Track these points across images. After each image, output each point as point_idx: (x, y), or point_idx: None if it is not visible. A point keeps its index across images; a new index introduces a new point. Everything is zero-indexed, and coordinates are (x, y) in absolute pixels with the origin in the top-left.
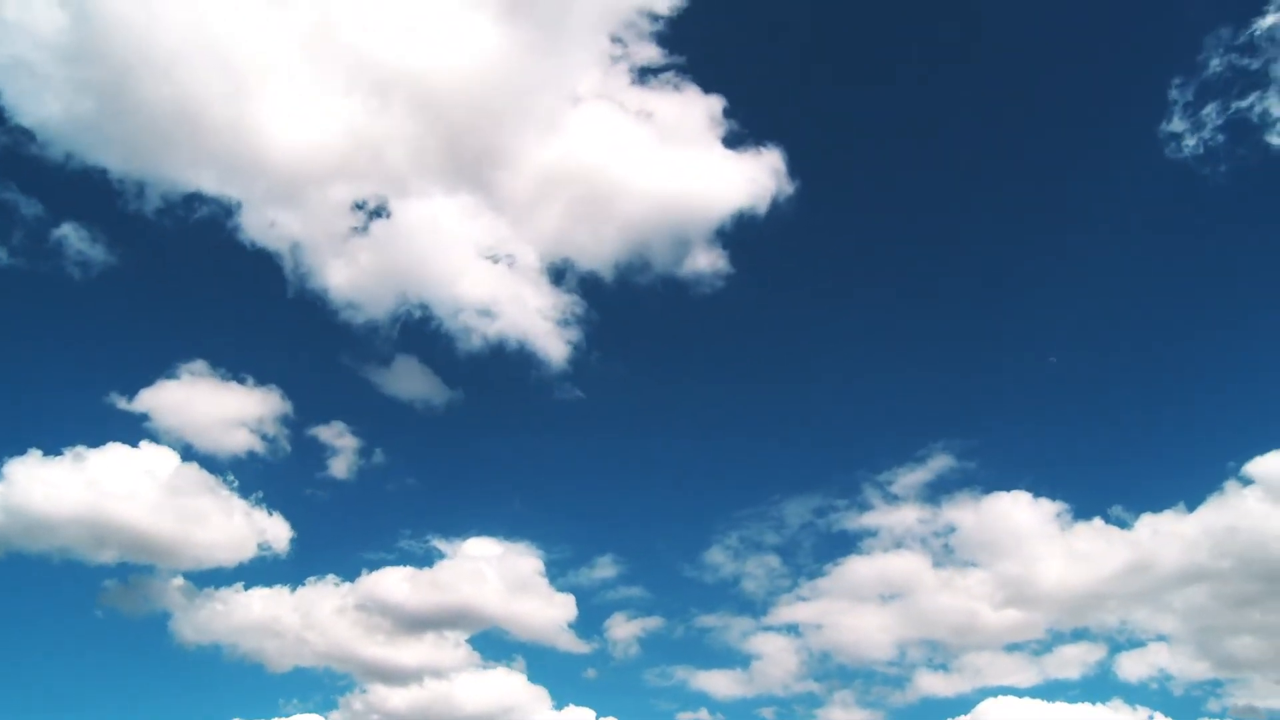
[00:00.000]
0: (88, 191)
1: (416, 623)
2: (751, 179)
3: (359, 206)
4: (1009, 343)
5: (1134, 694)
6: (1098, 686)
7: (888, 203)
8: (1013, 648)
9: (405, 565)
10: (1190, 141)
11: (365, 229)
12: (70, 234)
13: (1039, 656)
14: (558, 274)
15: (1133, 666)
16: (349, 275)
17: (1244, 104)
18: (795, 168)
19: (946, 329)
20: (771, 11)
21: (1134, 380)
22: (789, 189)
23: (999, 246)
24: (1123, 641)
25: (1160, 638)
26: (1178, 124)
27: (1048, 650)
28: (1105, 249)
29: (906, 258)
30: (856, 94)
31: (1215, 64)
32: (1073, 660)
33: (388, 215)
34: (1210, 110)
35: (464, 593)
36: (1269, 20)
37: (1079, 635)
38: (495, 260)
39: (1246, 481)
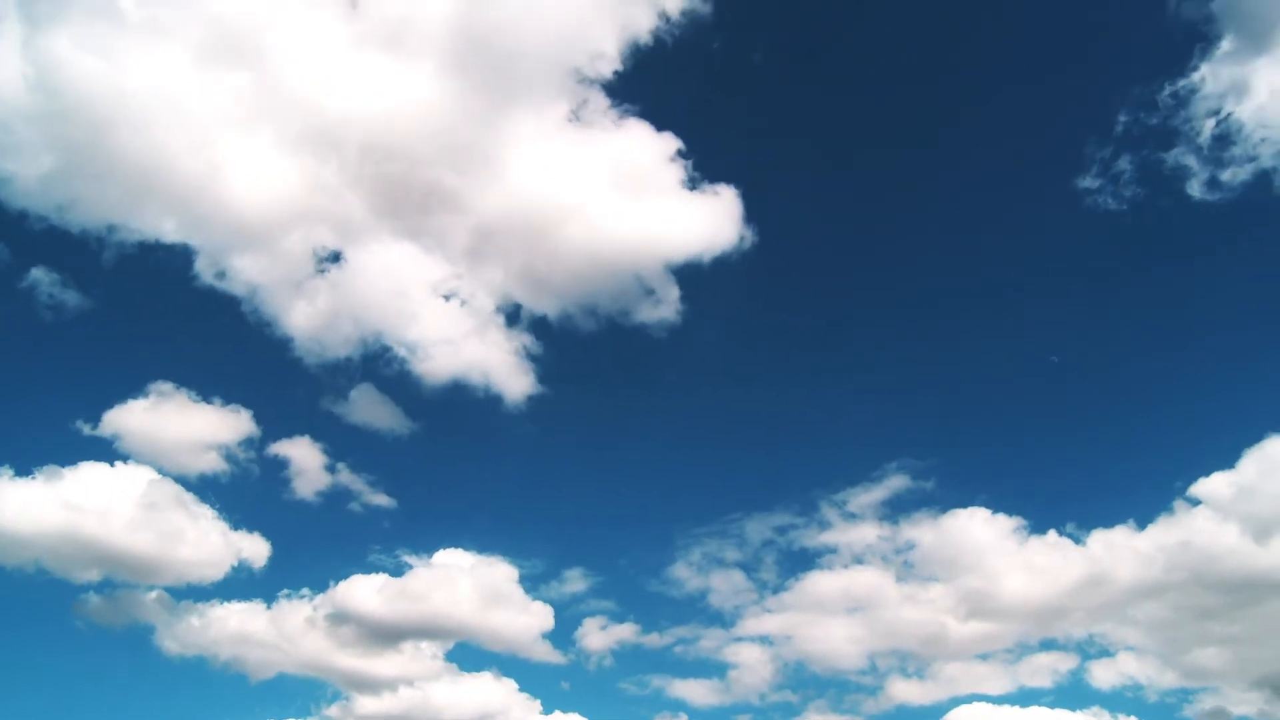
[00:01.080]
0: (55, 240)
1: (393, 634)
2: (704, 217)
3: (317, 253)
4: (959, 369)
5: (1109, 701)
6: (1071, 695)
7: (838, 238)
8: (983, 657)
9: (379, 577)
10: (1125, 193)
11: (323, 272)
12: (42, 278)
13: (1010, 665)
14: (513, 313)
15: (1104, 675)
16: (309, 317)
17: (1162, 157)
18: (749, 206)
19: (897, 356)
20: (724, 55)
21: (1081, 406)
22: (741, 226)
23: (947, 280)
24: (1092, 651)
25: (1128, 648)
26: (1092, 181)
27: (1018, 659)
28: (1049, 286)
29: (854, 295)
30: (803, 137)
31: (1133, 120)
32: (1044, 669)
33: (343, 261)
34: (1129, 163)
35: (440, 604)
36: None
37: (1048, 645)
38: (449, 299)
39: (1194, 502)
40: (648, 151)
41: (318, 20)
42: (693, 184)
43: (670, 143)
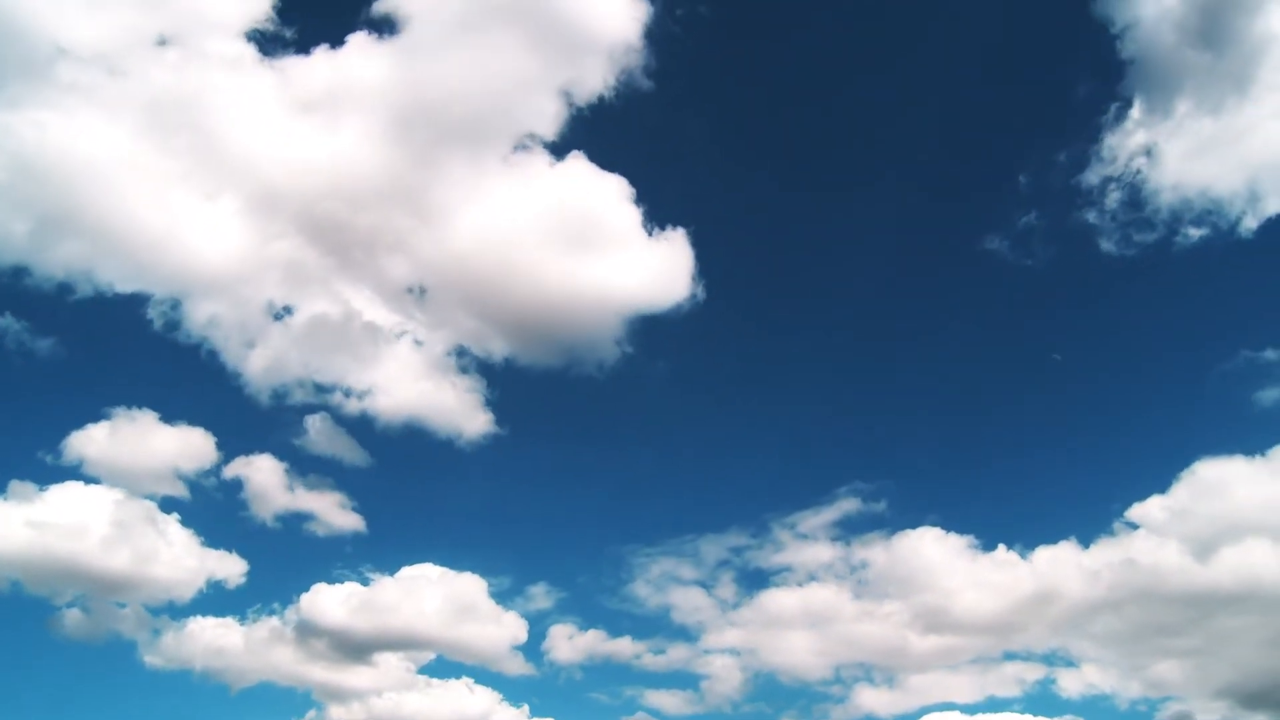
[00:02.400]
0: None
1: (366, 646)
2: (653, 260)
3: (270, 303)
4: (904, 399)
5: (1080, 709)
6: (1041, 704)
7: (783, 278)
8: (949, 668)
9: (348, 592)
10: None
11: (277, 319)
12: (11, 324)
13: (976, 676)
14: (465, 356)
15: (1071, 685)
16: (264, 359)
17: (1075, 215)
18: (698, 249)
19: (842, 389)
20: (663, 109)
21: (1021, 434)
22: (691, 266)
23: (889, 315)
24: (1056, 663)
25: (1090, 660)
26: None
27: (984, 670)
28: (989, 322)
29: (798, 333)
30: (743, 191)
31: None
32: (1011, 679)
33: (295, 309)
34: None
35: (412, 616)
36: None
37: (1010, 657)
38: (401, 343)
39: (1133, 526)
40: (592, 199)
41: (254, 86)
42: (643, 229)
43: (618, 190)
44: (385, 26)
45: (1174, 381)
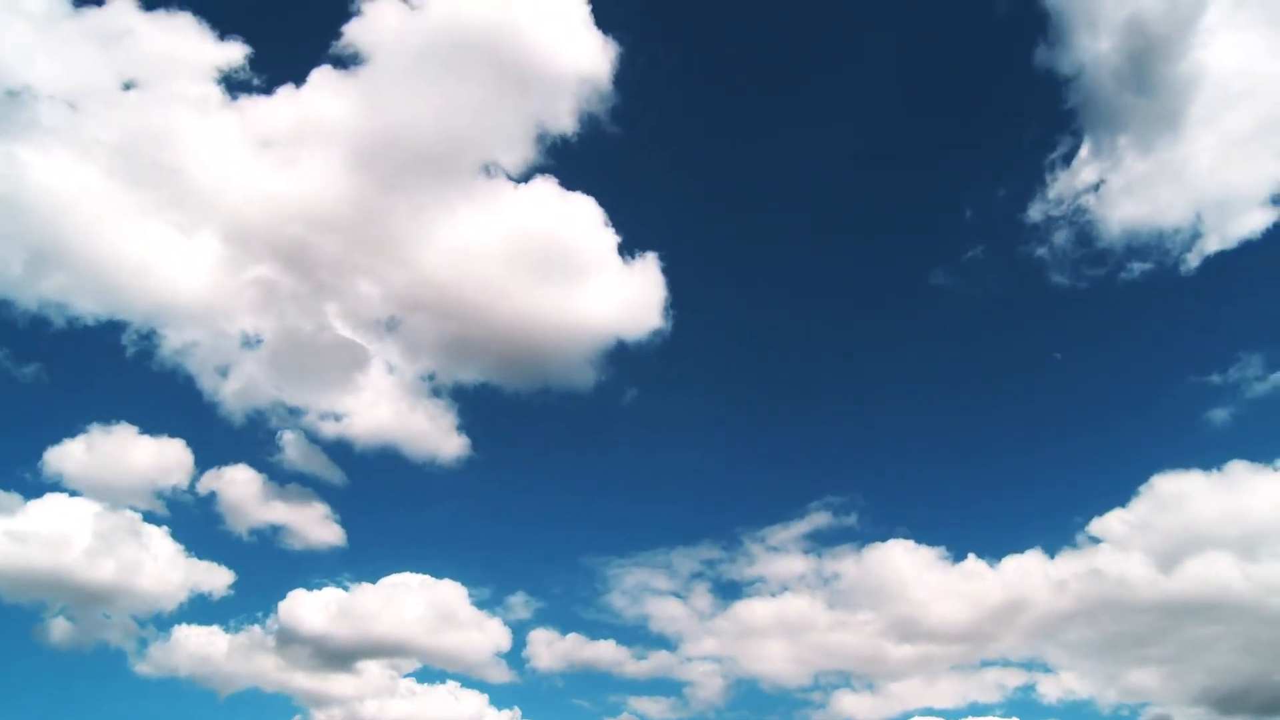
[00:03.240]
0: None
1: (351, 654)
2: (628, 286)
3: (243, 331)
4: (873, 417)
5: (1062, 714)
6: (1022, 709)
7: (753, 305)
8: (926, 675)
9: (332, 600)
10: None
11: (251, 347)
12: None
13: (955, 682)
14: (435, 380)
15: (1051, 691)
16: (239, 386)
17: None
18: (670, 277)
19: (811, 409)
20: (643, 135)
21: (985, 449)
22: (664, 294)
23: (860, 344)
24: (1034, 670)
25: (1066, 668)
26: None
27: (965, 676)
28: (952, 339)
29: (768, 359)
30: (713, 226)
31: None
32: (991, 685)
33: (266, 340)
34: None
35: (397, 624)
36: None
37: (988, 664)
38: (373, 369)
39: (1095, 540)
40: (564, 226)
41: (222, 124)
42: (617, 255)
43: (590, 217)
44: (350, 61)
45: (1129, 402)
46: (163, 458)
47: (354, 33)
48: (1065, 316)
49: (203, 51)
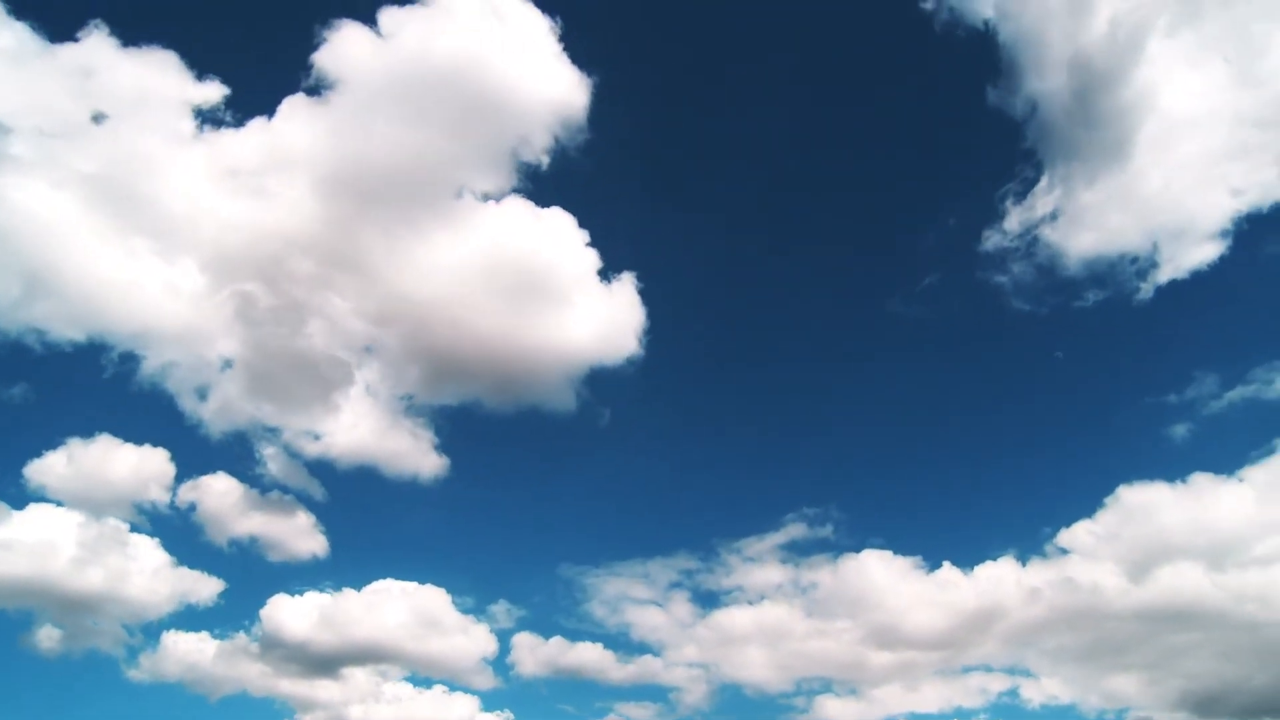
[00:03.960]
0: None
1: (338, 659)
2: (605, 310)
3: (220, 355)
4: (847, 432)
5: (1046, 718)
6: (1007, 713)
7: (728, 329)
8: (908, 681)
9: (316, 606)
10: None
11: (230, 368)
12: None
13: (938, 687)
14: (412, 401)
15: (1034, 696)
16: (217, 407)
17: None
18: (647, 299)
19: (786, 424)
20: (617, 164)
21: (954, 462)
22: (641, 316)
23: (832, 364)
24: (1016, 675)
25: (1047, 674)
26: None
27: (946, 682)
28: (926, 355)
29: (743, 378)
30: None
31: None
32: (974, 690)
33: (244, 361)
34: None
35: (380, 632)
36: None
37: (969, 670)
38: (351, 391)
39: (1064, 551)
40: (539, 251)
41: (196, 154)
42: (596, 278)
43: (566, 241)
44: (320, 89)
45: (1092, 418)
46: (145, 468)
47: (323, 62)
48: (1027, 339)
49: (178, 89)
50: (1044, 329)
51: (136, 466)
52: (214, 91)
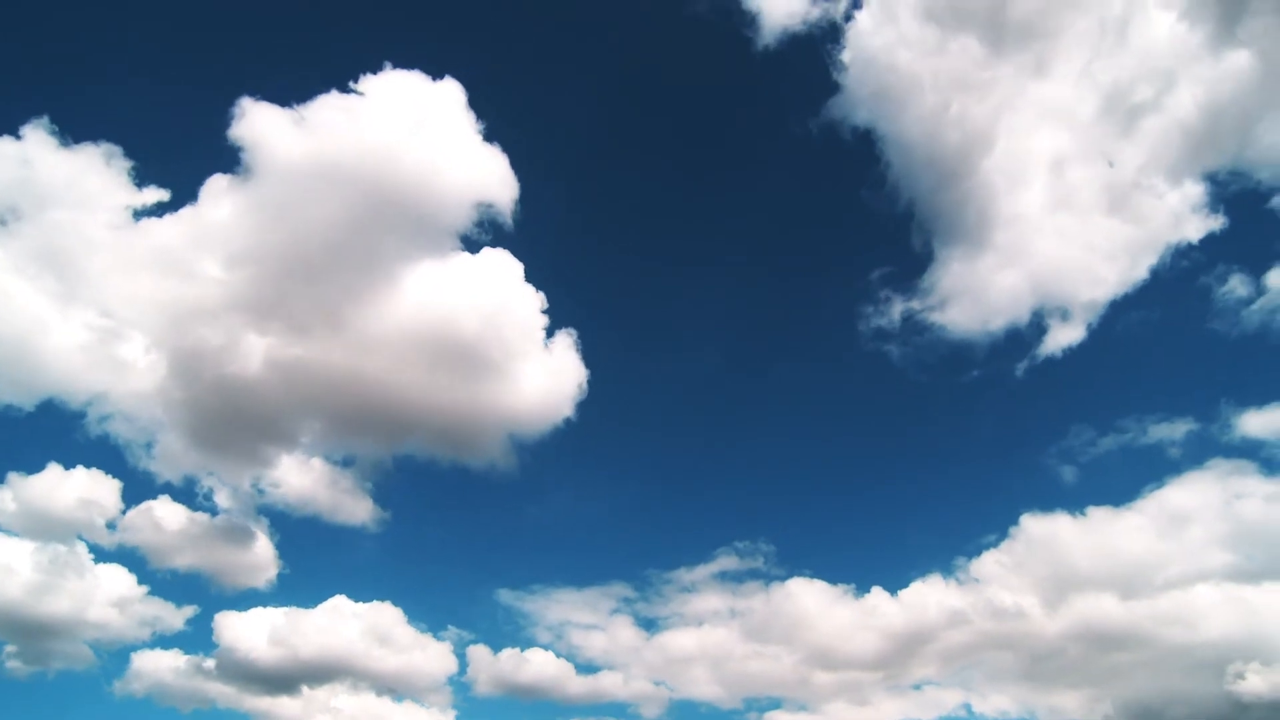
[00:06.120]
0: None
1: (299, 678)
2: (544, 362)
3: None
4: (772, 474)
5: None
6: None
7: (662, 380)
8: (854, 699)
9: (271, 627)
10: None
11: (171, 427)
12: None
13: (887, 703)
14: (348, 459)
15: (984, 710)
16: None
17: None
18: (584, 350)
19: (715, 465)
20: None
21: (869, 499)
22: (579, 365)
23: (755, 419)
24: (962, 692)
25: (996, 690)
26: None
27: (895, 697)
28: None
29: (676, 428)
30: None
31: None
32: (928, 703)
33: (178, 423)
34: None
35: (338, 651)
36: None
37: (919, 686)
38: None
39: (976, 580)
40: (474, 311)
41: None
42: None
43: (507, 300)
44: (241, 171)
45: (995, 456)
46: (94, 493)
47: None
48: (916, 403)
49: (110, 180)
50: (928, 394)
51: (85, 490)
52: (152, 200)
